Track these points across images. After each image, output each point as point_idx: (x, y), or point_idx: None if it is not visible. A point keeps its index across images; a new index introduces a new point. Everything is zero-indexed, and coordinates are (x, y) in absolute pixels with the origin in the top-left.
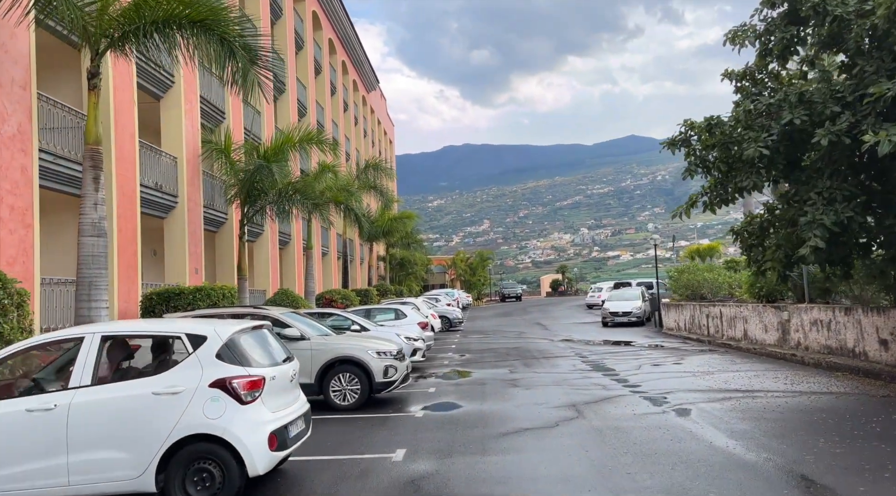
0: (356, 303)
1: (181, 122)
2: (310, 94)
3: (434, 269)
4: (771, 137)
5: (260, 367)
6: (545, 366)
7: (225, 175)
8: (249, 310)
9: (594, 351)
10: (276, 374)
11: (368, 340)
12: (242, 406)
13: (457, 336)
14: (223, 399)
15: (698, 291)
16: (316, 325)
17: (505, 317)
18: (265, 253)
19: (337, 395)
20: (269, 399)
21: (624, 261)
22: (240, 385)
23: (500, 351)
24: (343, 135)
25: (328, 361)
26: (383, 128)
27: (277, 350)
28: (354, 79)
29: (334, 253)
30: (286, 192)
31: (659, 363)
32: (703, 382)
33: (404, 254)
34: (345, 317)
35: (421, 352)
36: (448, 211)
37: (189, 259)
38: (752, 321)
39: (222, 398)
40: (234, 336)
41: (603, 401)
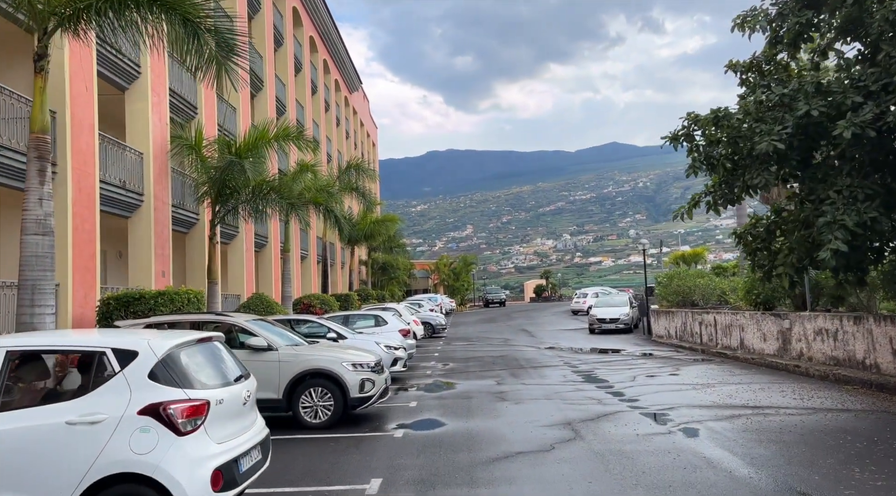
0: (336, 308)
1: (148, 115)
2: (289, 92)
3: (417, 274)
4: (785, 130)
5: (204, 389)
6: (534, 377)
7: (195, 172)
8: (211, 316)
9: (584, 360)
10: (224, 397)
11: (344, 351)
12: (180, 437)
13: (440, 343)
14: (155, 429)
15: (689, 298)
16: (286, 334)
17: (489, 323)
18: (240, 256)
19: (307, 412)
20: (214, 427)
21: (606, 266)
22: (177, 411)
23: (486, 359)
24: (324, 135)
25: (298, 374)
26: (366, 130)
27: (229, 366)
28: (336, 78)
29: (314, 256)
30: (260, 190)
31: (654, 374)
32: (706, 396)
33: (387, 259)
34: (320, 324)
35: (402, 362)
36: (431, 216)
37: (155, 261)
38: (750, 329)
39: (154, 428)
40: (174, 351)
41: (600, 419)
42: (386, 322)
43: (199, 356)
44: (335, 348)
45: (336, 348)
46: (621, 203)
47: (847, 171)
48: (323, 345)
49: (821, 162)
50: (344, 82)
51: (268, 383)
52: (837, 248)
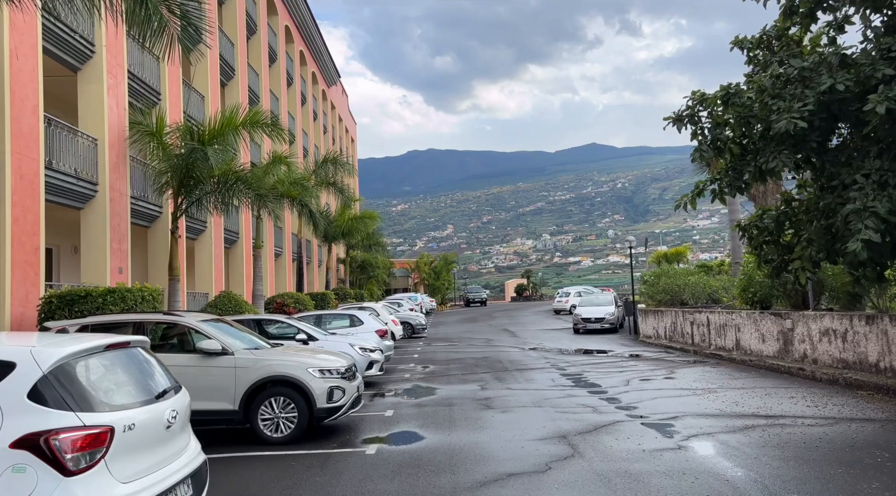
0: (311, 307)
1: (103, 98)
2: (263, 83)
3: (397, 273)
4: (806, 107)
5: (110, 411)
6: (520, 381)
7: (155, 160)
8: (157, 316)
9: (571, 361)
10: (139, 419)
11: (311, 354)
12: (68, 478)
13: (420, 343)
14: (34, 468)
15: (679, 296)
16: (246, 336)
17: (471, 322)
18: (208, 252)
19: (267, 425)
20: (122, 461)
21: (585, 266)
22: (65, 443)
23: (468, 361)
24: (300, 129)
25: (257, 382)
26: (345, 125)
27: (151, 379)
28: (313, 71)
29: (289, 254)
30: (226, 181)
31: (648, 377)
32: (710, 403)
33: (366, 257)
34: (289, 324)
35: (378, 365)
36: (412, 215)
37: (111, 257)
38: (747, 330)
39: (32, 466)
40: (67, 361)
41: (598, 431)
42: (362, 322)
43: (107, 367)
44: (302, 352)
45: (303, 352)
46: (600, 203)
47: (875, 152)
48: (288, 348)
49: (841, 144)
50: (322, 75)
51: (221, 392)
52: (869, 239)
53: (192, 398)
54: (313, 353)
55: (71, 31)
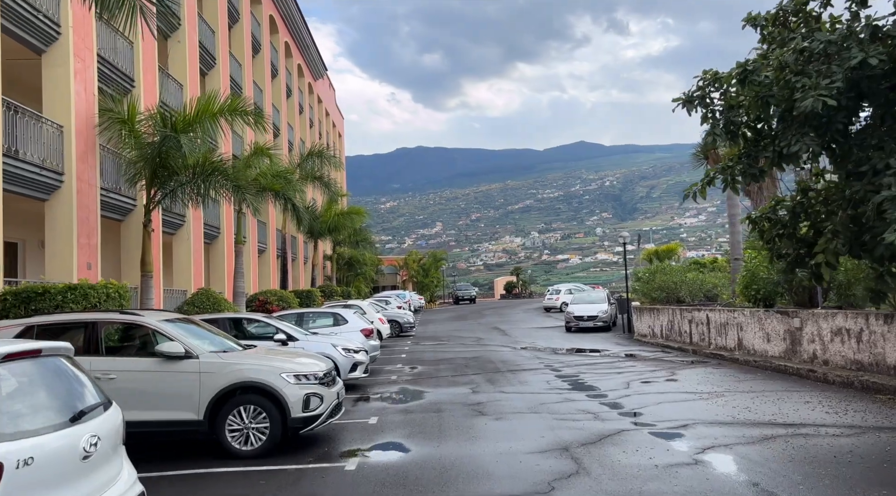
0: (295, 305)
1: (69, 82)
2: (246, 73)
3: (385, 270)
4: (834, 85)
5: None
6: (513, 384)
7: (127, 149)
8: (111, 316)
9: (566, 362)
10: (40, 451)
11: (287, 357)
12: None
13: (408, 343)
14: None
15: (675, 294)
16: (216, 338)
17: (460, 320)
18: (186, 247)
19: (236, 437)
20: None
21: (573, 264)
22: None
23: (458, 362)
24: (286, 122)
25: (224, 388)
26: (332, 119)
27: (70, 396)
28: (299, 63)
29: (273, 250)
30: (202, 171)
31: (649, 379)
32: (720, 409)
33: (353, 254)
34: (267, 323)
35: (363, 367)
36: (401, 213)
37: (79, 252)
38: (750, 328)
39: None
40: None
41: (603, 442)
42: (346, 321)
43: (6, 383)
44: (276, 355)
45: (278, 354)
46: (588, 201)
47: None
48: (262, 350)
49: (867, 126)
50: (308, 68)
51: (184, 400)
52: None
53: (151, 407)
54: (289, 356)
55: (34, 9)
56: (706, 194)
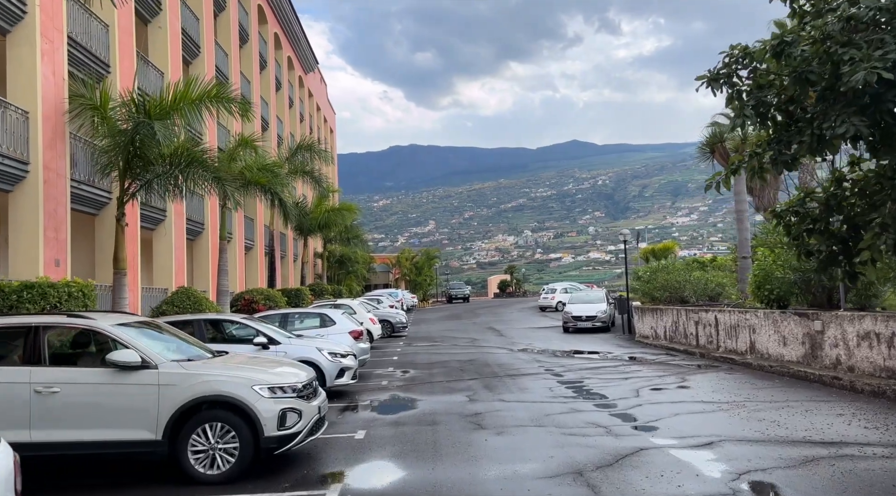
0: (282, 304)
1: (36, 65)
2: (232, 64)
3: (377, 268)
4: (889, 56)
5: None
6: (513, 390)
7: (100, 137)
8: (55, 319)
9: (567, 365)
10: None
11: (260, 367)
12: None
13: (400, 344)
14: None
15: (679, 293)
16: (184, 344)
17: (454, 320)
18: (167, 244)
19: (200, 459)
20: None
21: (566, 263)
22: None
23: (453, 365)
24: (274, 115)
25: (187, 403)
26: (323, 114)
27: None
28: (289, 55)
29: (261, 247)
30: (179, 161)
31: (658, 386)
32: (745, 423)
33: (344, 251)
34: (247, 325)
35: (351, 373)
36: (394, 211)
37: (45, 247)
38: (764, 331)
39: None
40: None
41: (622, 464)
42: (334, 322)
43: None
44: (250, 363)
45: (251, 363)
46: (581, 200)
47: None
48: (233, 358)
49: None
50: (298, 61)
51: (139, 417)
52: None
53: (100, 425)
54: (265, 365)
55: None
56: (730, 185)
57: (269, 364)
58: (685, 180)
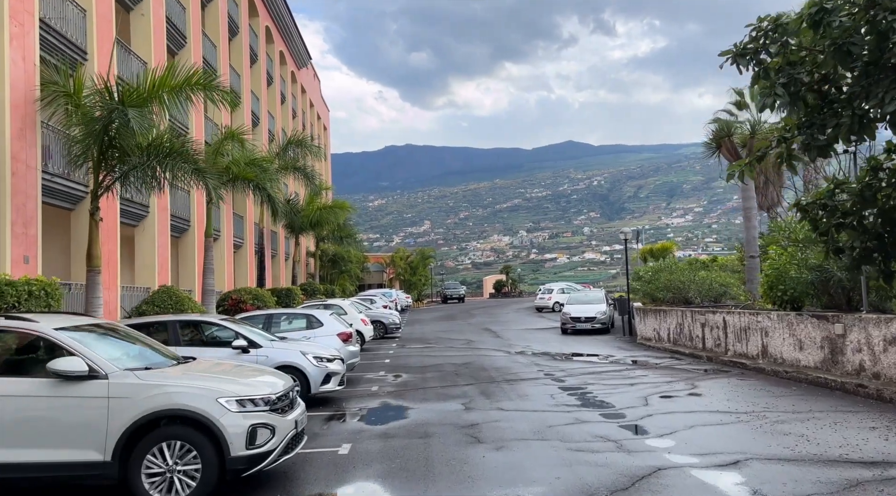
0: (272, 304)
1: (3, 49)
2: (221, 56)
3: (371, 268)
4: None
5: None
6: (512, 398)
7: (72, 126)
8: None
9: (567, 370)
10: None
11: (229, 376)
12: None
13: (393, 345)
14: None
15: (683, 294)
16: (143, 350)
17: (448, 320)
18: (150, 240)
19: (156, 484)
20: None
21: (560, 263)
22: None
23: (447, 369)
24: (265, 110)
25: (141, 418)
26: (316, 111)
27: None
28: (281, 50)
29: (250, 246)
30: (156, 152)
31: (667, 392)
32: (770, 437)
33: (337, 250)
34: (226, 327)
35: (338, 378)
36: (389, 211)
37: (13, 243)
38: (777, 334)
39: None
40: None
41: (639, 487)
42: (321, 323)
43: None
44: (219, 371)
45: (221, 371)
46: (576, 201)
47: None
48: (200, 365)
49: None
50: (291, 55)
51: (86, 434)
52: None
53: (40, 445)
54: (235, 373)
55: None
56: (754, 173)
57: (242, 372)
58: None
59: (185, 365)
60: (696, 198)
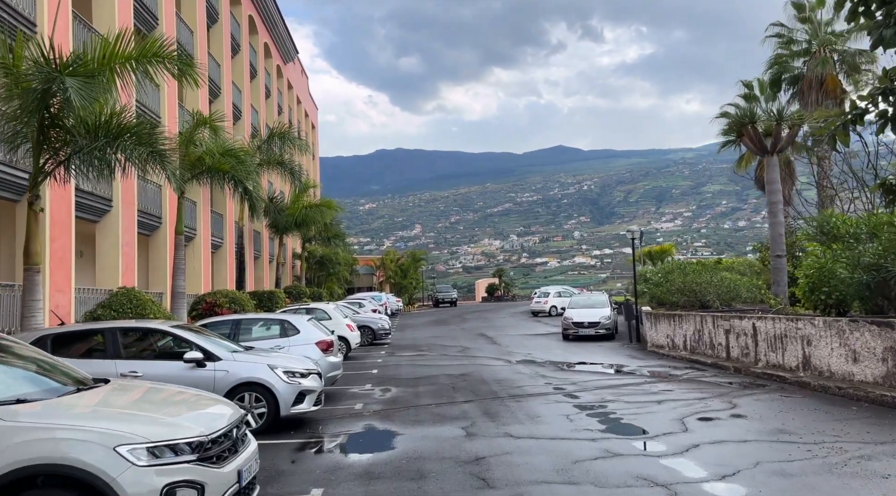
0: (250, 308)
1: None
2: (198, 42)
3: (360, 270)
4: None
5: None
6: (521, 419)
7: (10, 101)
8: None
9: (579, 383)
10: None
11: (140, 412)
12: None
13: (381, 353)
14: None
15: (701, 297)
16: (31, 374)
17: (441, 325)
18: (114, 238)
19: None
20: None
21: (551, 267)
22: None
23: (443, 381)
24: (248, 104)
25: (3, 476)
26: (304, 108)
27: None
28: (266, 42)
29: (230, 246)
30: (106, 131)
31: (706, 414)
32: (868, 484)
33: (325, 252)
34: (178, 336)
35: (314, 397)
36: (380, 215)
37: None
38: (823, 343)
39: None
40: None
41: None
42: (297, 330)
43: None
44: (136, 399)
45: (138, 399)
46: (566, 205)
47: None
48: (111, 392)
49: None
50: (276, 48)
51: None
52: None
53: None
54: (160, 404)
55: None
56: (848, 139)
57: (172, 400)
58: (669, 186)
59: (89, 392)
60: (685, 202)
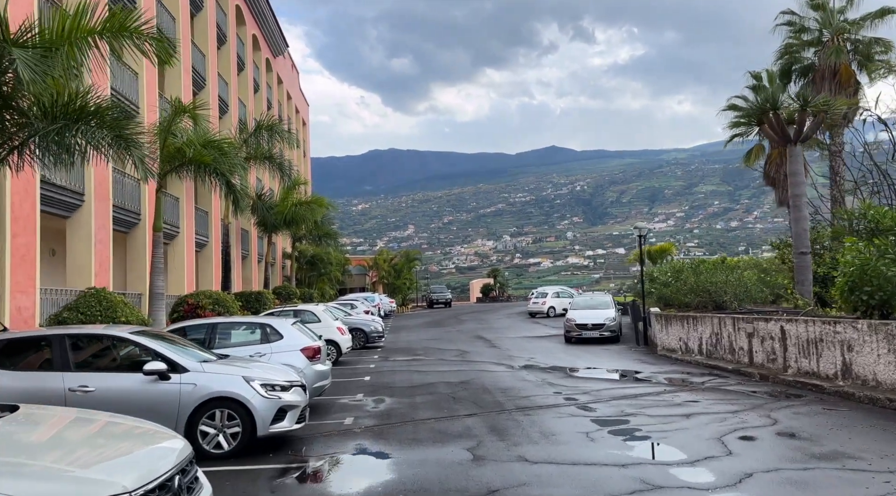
0: (235, 310)
1: None
2: (182, 31)
3: (353, 271)
4: None
5: None
6: (534, 437)
7: None
8: None
9: (591, 391)
10: None
11: (52, 451)
12: None
13: (374, 357)
14: None
15: (717, 297)
16: None
17: (436, 327)
18: (86, 235)
19: None
20: None
21: (544, 268)
22: None
23: (441, 390)
24: (235, 97)
25: None
26: (294, 104)
27: None
28: (255, 33)
29: (216, 245)
30: (64, 113)
31: (746, 431)
32: None
33: (316, 251)
34: (139, 344)
35: (296, 413)
36: (373, 215)
37: None
38: (868, 349)
39: None
40: None
41: None
42: (280, 335)
43: None
44: (45, 437)
45: (55, 436)
46: (559, 205)
47: None
48: (10, 422)
49: None
50: (266, 41)
51: None
52: None
53: None
54: (68, 445)
55: None
56: None
57: (84, 442)
58: (662, 186)
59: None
60: (678, 203)
